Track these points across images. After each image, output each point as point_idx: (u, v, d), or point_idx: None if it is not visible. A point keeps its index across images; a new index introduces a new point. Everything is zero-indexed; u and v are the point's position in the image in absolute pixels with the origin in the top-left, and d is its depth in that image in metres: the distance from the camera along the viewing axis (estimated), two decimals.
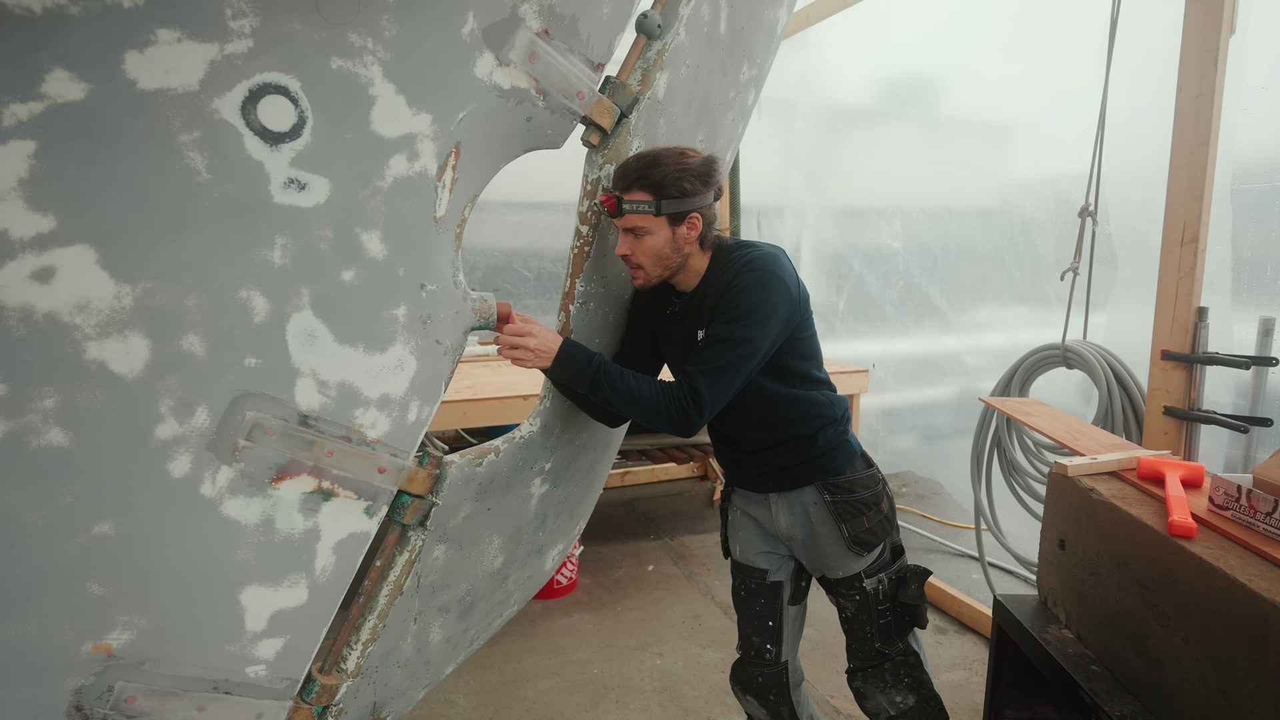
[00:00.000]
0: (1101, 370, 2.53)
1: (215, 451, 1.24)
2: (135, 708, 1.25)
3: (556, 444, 1.74)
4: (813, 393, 1.71)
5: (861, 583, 1.73)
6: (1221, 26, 2.10)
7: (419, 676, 1.66)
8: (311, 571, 1.35)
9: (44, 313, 1.11)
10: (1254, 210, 2.29)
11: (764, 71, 1.98)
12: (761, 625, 1.86)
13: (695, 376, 1.54)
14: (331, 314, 1.30)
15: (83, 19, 1.08)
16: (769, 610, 1.85)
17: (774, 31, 1.92)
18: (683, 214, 1.57)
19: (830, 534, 1.72)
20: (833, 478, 1.72)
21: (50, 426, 1.13)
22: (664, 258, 1.61)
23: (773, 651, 1.86)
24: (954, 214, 3.69)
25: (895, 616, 1.75)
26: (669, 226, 1.58)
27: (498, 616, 1.84)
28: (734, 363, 1.53)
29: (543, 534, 1.82)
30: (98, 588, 1.20)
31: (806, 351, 1.69)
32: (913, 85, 3.90)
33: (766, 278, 1.56)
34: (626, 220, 1.58)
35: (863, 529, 1.71)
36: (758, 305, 1.54)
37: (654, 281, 1.65)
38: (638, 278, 1.64)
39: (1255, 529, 1.41)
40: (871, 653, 1.77)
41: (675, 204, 1.55)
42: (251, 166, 1.21)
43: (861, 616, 1.75)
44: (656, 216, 1.56)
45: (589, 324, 1.73)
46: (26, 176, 1.08)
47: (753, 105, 2.01)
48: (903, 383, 4.12)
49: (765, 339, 1.55)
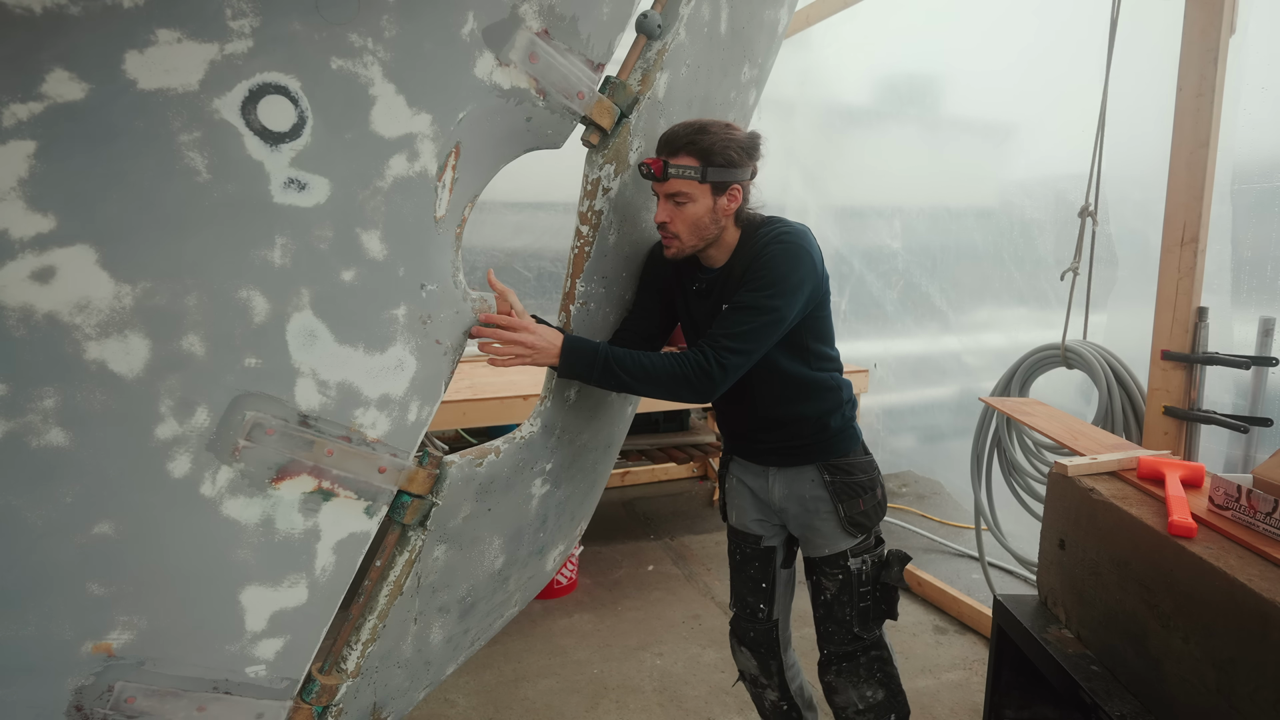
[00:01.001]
0: (1101, 370, 2.53)
1: (215, 451, 1.24)
2: (135, 708, 1.25)
3: (557, 444, 1.73)
4: (828, 374, 1.75)
5: (846, 560, 1.77)
6: (1221, 26, 2.10)
7: (419, 677, 1.65)
8: (311, 571, 1.35)
9: (44, 313, 1.11)
10: (1254, 210, 2.29)
11: (765, 72, 1.98)
12: (755, 587, 1.95)
13: (719, 339, 1.55)
14: (331, 314, 1.30)
15: (83, 19, 1.08)
16: (762, 573, 1.94)
17: (775, 32, 1.92)
18: (726, 184, 1.58)
19: (826, 512, 1.76)
20: (835, 459, 1.76)
21: (50, 426, 1.13)
22: (702, 227, 1.61)
23: (765, 611, 1.96)
24: (953, 214, 3.69)
25: (875, 601, 1.80)
26: (711, 195, 1.58)
27: (499, 617, 1.84)
28: (758, 329, 1.55)
29: (544, 534, 1.82)
30: (98, 588, 1.20)
31: (824, 332, 1.73)
32: (912, 85, 3.90)
33: (795, 250, 1.58)
34: (670, 185, 1.57)
35: (858, 511, 1.75)
36: (785, 275, 1.56)
37: (687, 252, 1.65)
38: (671, 247, 1.64)
39: (1255, 529, 1.41)
40: (848, 637, 1.80)
41: (721, 172, 1.56)
42: (251, 166, 1.21)
43: (843, 597, 1.79)
44: (701, 183, 1.56)
45: (590, 324, 1.73)
46: (26, 176, 1.08)
47: (754, 106, 2.01)
48: (903, 382, 4.12)
49: (790, 309, 1.57)
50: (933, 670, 2.78)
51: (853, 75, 4.23)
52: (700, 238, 1.63)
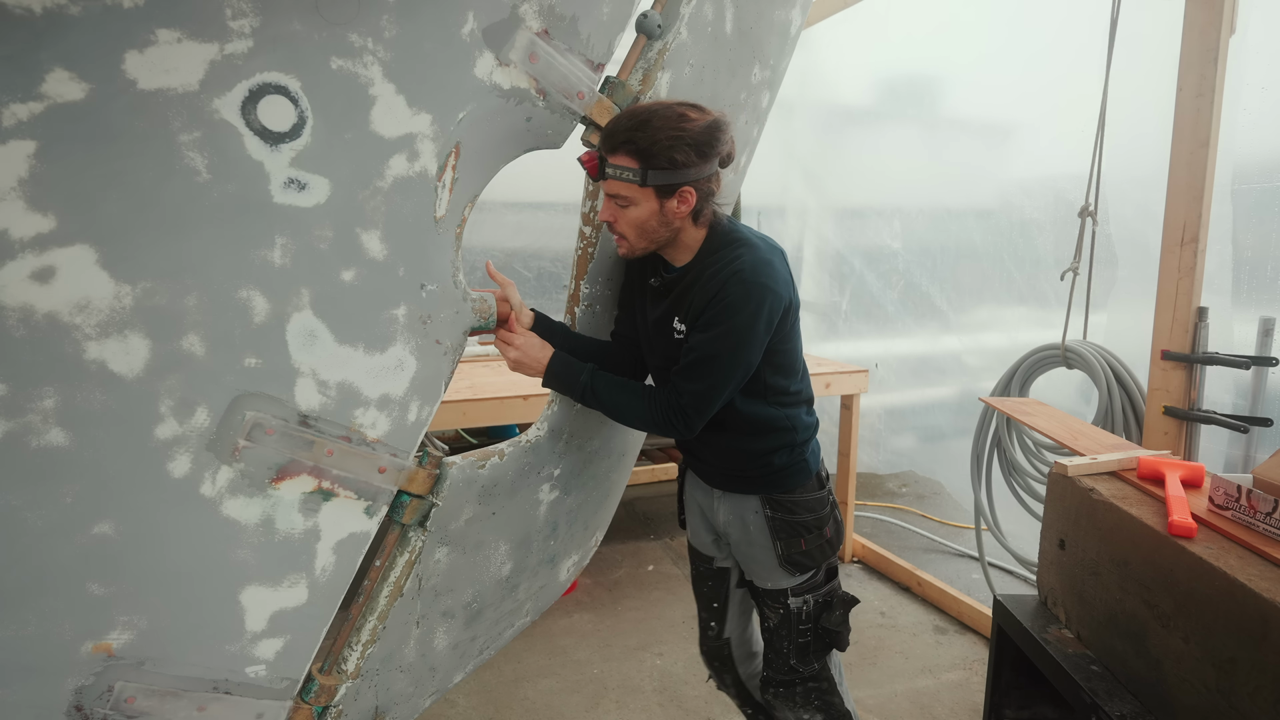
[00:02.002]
0: (1101, 370, 2.53)
1: (215, 451, 1.24)
2: (135, 708, 1.25)
3: (565, 449, 1.72)
4: (782, 411, 1.64)
5: (787, 599, 1.70)
6: (1221, 26, 2.10)
7: (424, 683, 1.65)
8: (311, 571, 1.35)
9: (44, 313, 1.11)
10: (1254, 210, 2.29)
11: (779, 74, 1.96)
12: (708, 604, 1.93)
13: (684, 393, 1.49)
14: (331, 314, 1.30)
15: (83, 19, 1.08)
16: (715, 592, 1.91)
17: (787, 32, 1.90)
18: (673, 186, 1.42)
19: (764, 546, 1.69)
20: (779, 494, 1.67)
21: (50, 426, 1.13)
22: (649, 231, 1.47)
23: (715, 629, 1.94)
24: (953, 214, 3.69)
25: (815, 638, 1.73)
26: (656, 198, 1.43)
27: (509, 626, 1.83)
28: (722, 381, 1.49)
29: (554, 543, 1.81)
30: (98, 588, 1.20)
31: (785, 364, 1.61)
32: (912, 85, 3.90)
33: (757, 290, 1.45)
34: (609, 186, 1.45)
35: (798, 550, 1.66)
36: (748, 322, 1.45)
37: (639, 253, 1.53)
38: (621, 247, 1.53)
39: (1255, 529, 1.41)
40: (785, 668, 1.75)
41: (664, 175, 1.40)
42: (251, 166, 1.21)
43: (782, 631, 1.73)
44: (642, 187, 1.41)
45: (595, 327, 1.72)
46: (26, 176, 1.08)
47: (767, 108, 1.98)
48: (904, 382, 4.12)
49: (753, 354, 1.50)
50: (933, 670, 2.78)
51: (852, 75, 4.23)
52: (650, 240, 1.50)
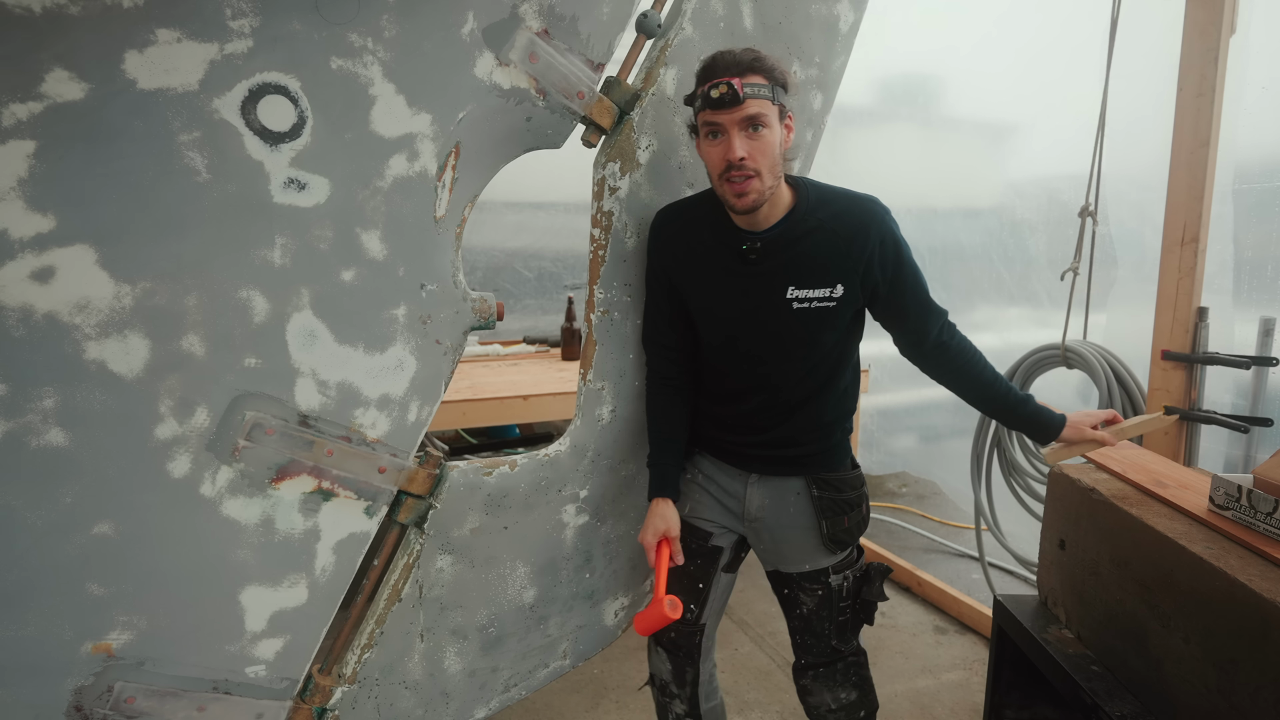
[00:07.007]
0: (1101, 370, 2.53)
1: (215, 451, 1.24)
2: (135, 708, 1.25)
3: (592, 469, 1.65)
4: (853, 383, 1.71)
5: (827, 577, 1.68)
6: (1221, 26, 2.10)
7: (436, 708, 1.59)
8: (311, 571, 1.35)
9: (44, 313, 1.11)
10: (1255, 210, 2.30)
11: (830, 73, 1.86)
12: (691, 585, 1.76)
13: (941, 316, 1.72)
14: (331, 314, 1.30)
15: (83, 19, 1.08)
16: (702, 572, 1.76)
17: (834, 28, 1.81)
18: (785, 110, 1.43)
19: (808, 527, 1.66)
20: (825, 473, 1.67)
21: (50, 426, 1.13)
22: (776, 163, 1.43)
23: (694, 612, 1.77)
24: (949, 214, 3.69)
25: (854, 614, 1.72)
26: (779, 123, 1.41)
27: (541, 665, 1.73)
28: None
29: (591, 576, 1.73)
30: (98, 588, 1.20)
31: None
32: (909, 86, 3.90)
33: (893, 223, 1.72)
34: (746, 107, 1.36)
35: (841, 528, 1.66)
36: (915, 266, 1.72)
37: (765, 199, 1.43)
38: (748, 194, 1.40)
39: (1255, 529, 1.41)
40: (827, 650, 1.73)
41: (785, 96, 1.41)
42: (251, 166, 1.21)
43: (822, 613, 1.70)
44: (774, 104, 1.39)
45: (615, 336, 1.64)
46: (26, 176, 1.08)
47: (821, 110, 1.88)
48: (900, 383, 4.11)
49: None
50: (933, 670, 2.78)
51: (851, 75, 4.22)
52: (775, 177, 1.43)
